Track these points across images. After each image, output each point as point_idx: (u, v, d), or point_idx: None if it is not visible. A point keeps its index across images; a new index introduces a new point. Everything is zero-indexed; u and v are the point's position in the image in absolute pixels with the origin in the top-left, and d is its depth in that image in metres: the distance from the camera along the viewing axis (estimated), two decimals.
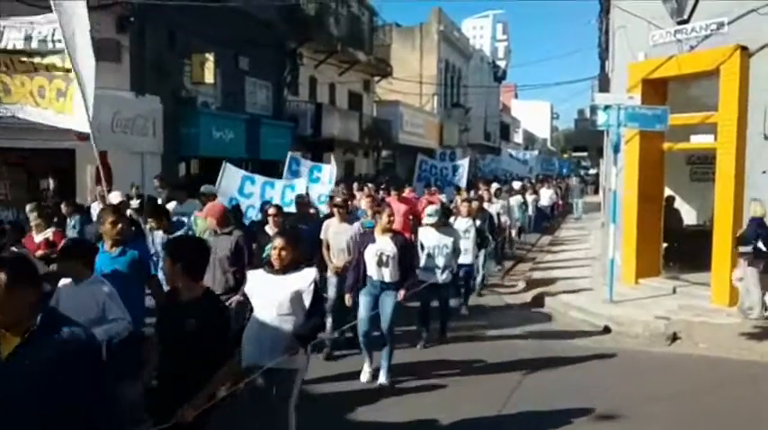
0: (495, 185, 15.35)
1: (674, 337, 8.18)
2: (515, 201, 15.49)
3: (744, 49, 9.14)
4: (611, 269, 10.00)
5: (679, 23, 9.94)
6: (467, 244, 8.69)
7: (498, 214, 12.43)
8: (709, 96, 9.74)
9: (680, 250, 11.15)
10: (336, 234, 7.41)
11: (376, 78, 29.18)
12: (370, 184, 14.63)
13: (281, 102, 20.60)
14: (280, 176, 18.59)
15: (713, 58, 9.39)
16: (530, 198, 20.09)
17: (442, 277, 7.51)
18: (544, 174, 32.61)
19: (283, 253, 4.26)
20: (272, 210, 7.61)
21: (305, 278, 4.28)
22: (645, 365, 7.25)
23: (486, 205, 11.49)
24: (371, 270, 6.25)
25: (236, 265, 5.89)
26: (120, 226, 5.15)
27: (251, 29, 17.33)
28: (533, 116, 74.13)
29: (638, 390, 6.24)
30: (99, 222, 5.46)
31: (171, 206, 9.19)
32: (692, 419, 5.57)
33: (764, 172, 9.07)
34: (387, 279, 6.21)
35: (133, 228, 7.26)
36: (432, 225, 7.58)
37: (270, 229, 7.30)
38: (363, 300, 6.33)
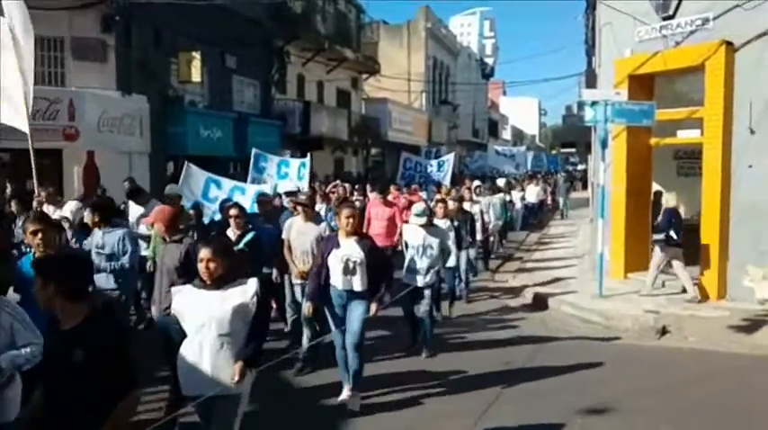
0: (476, 183, 14.74)
1: (664, 331, 8.23)
2: (498, 199, 14.58)
3: (729, 44, 9.20)
4: (600, 264, 10.05)
5: (664, 19, 9.99)
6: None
7: (481, 212, 11.70)
8: (696, 91, 9.80)
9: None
10: (300, 234, 6.66)
11: (364, 76, 29.17)
12: (344, 184, 14.12)
13: (268, 100, 20.55)
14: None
15: (698, 53, 9.45)
16: (517, 195, 19.81)
17: (424, 279, 7.05)
18: (533, 171, 32.66)
19: (211, 265, 3.73)
20: (233, 211, 6.74)
21: (245, 292, 3.76)
22: (634, 359, 7.29)
23: (467, 205, 10.88)
24: (336, 278, 5.46)
25: (186, 276, 5.05)
26: (41, 235, 4.84)
27: (238, 27, 17.26)
28: (521, 113, 74.42)
29: (628, 384, 6.27)
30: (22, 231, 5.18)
31: (135, 209, 8.31)
32: (683, 412, 5.61)
33: (750, 166, 9.15)
34: (355, 288, 5.44)
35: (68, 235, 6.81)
36: (420, 225, 7.19)
37: (232, 232, 6.64)
38: (331, 312, 5.64)
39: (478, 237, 11.04)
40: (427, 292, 7.15)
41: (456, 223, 8.72)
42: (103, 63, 14.08)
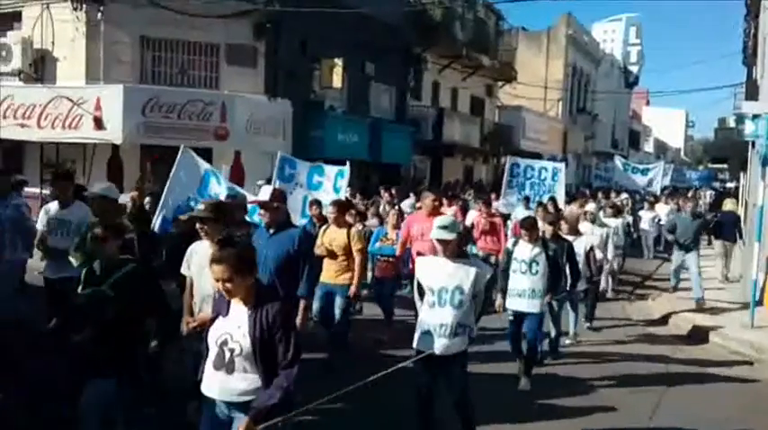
0: (590, 206, 11.22)
1: None
2: (618, 224, 11.29)
3: None
4: (753, 291, 9.20)
5: None
6: (532, 282, 6.21)
7: (591, 248, 8.12)
8: None
9: None
10: (202, 268, 4.50)
11: (499, 83, 28.81)
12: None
13: (403, 106, 20.87)
14: (397, 181, 19.10)
15: None
16: (647, 216, 16.78)
17: (444, 343, 4.50)
18: (673, 187, 29.80)
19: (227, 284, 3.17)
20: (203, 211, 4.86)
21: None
22: None
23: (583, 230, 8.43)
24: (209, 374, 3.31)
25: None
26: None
27: (378, 34, 17.68)
28: (666, 124, 70.09)
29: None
30: None
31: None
32: None
33: None
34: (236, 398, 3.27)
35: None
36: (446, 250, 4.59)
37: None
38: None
39: (581, 284, 7.57)
40: (455, 372, 4.63)
41: (551, 252, 6.36)
42: (254, 68, 14.98)
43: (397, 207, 11.03)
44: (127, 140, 13.31)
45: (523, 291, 6.23)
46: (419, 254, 6.69)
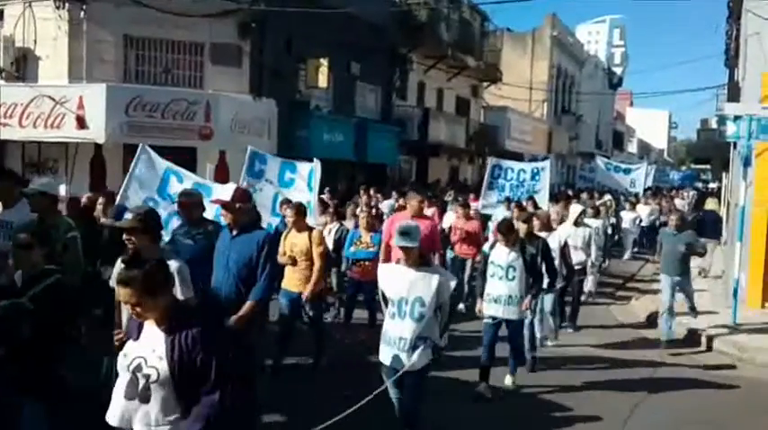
0: (577, 208, 9.84)
1: None
2: (598, 226, 10.64)
3: None
4: (735, 291, 9.31)
5: None
6: (509, 288, 6.07)
7: (566, 243, 7.98)
8: None
9: None
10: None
11: (485, 84, 28.92)
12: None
13: (389, 106, 20.88)
14: (383, 181, 19.10)
15: None
16: (628, 216, 16.58)
17: (403, 358, 4.29)
18: (656, 187, 29.74)
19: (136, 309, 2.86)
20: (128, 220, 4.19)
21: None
22: None
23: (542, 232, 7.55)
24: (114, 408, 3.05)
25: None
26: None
27: (364, 34, 17.67)
28: (650, 125, 70.71)
29: (764, 425, 5.75)
30: None
31: None
32: None
33: None
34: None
35: None
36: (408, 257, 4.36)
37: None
38: None
39: (558, 281, 7.57)
40: (408, 381, 4.37)
41: (528, 256, 6.19)
42: (238, 68, 14.89)
43: (374, 209, 10.30)
44: (110, 140, 13.16)
45: (500, 297, 6.06)
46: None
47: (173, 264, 3.60)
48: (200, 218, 5.39)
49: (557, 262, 7.31)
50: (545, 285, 6.85)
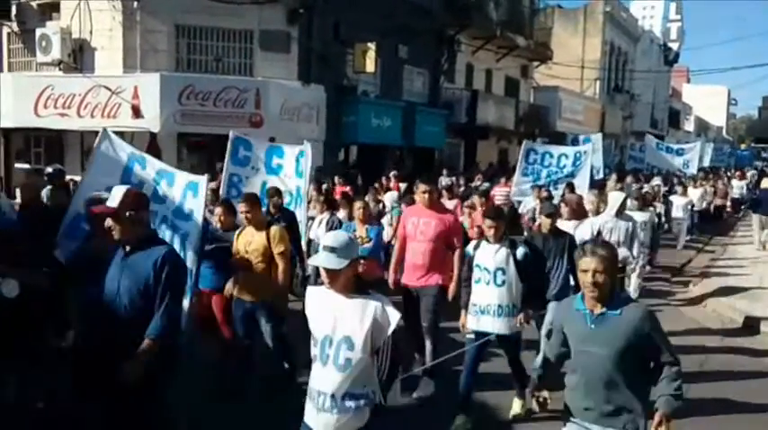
0: (618, 195, 7.94)
1: None
2: (644, 218, 8.98)
3: None
4: None
5: None
6: (499, 295, 4.92)
7: (599, 233, 6.97)
8: None
9: None
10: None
11: (535, 63, 28.30)
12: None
13: (437, 89, 20.68)
14: (430, 166, 18.91)
15: None
16: (680, 201, 14.37)
17: (324, 422, 3.10)
18: (712, 167, 28.01)
19: None
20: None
21: None
22: None
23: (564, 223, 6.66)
24: None
25: None
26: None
27: (411, 17, 17.51)
28: (708, 102, 68.12)
29: None
30: None
31: None
32: None
33: None
34: None
35: None
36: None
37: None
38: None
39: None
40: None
41: (519, 256, 4.93)
42: (287, 54, 14.99)
43: (371, 199, 9.40)
44: (164, 128, 13.48)
45: (488, 307, 4.91)
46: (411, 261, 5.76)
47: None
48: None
49: None
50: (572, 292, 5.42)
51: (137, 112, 13.42)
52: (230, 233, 5.70)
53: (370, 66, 16.31)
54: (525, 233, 6.69)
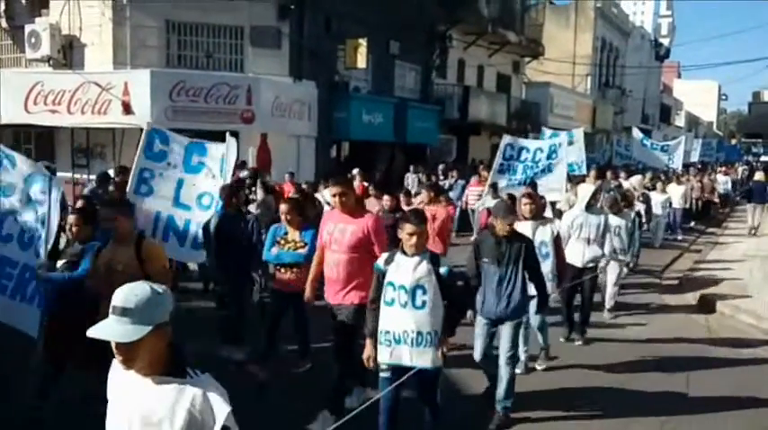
0: (587, 188, 8.16)
1: None
2: (619, 223, 8.21)
3: None
4: None
5: None
6: (417, 320, 4.04)
7: (558, 235, 6.13)
8: None
9: None
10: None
11: (526, 59, 28.36)
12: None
13: (428, 85, 20.70)
14: (423, 162, 18.96)
15: None
16: (658, 198, 13.72)
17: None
18: (701, 162, 27.88)
19: None
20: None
21: None
22: None
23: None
24: None
25: None
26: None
27: (403, 12, 17.50)
28: (698, 97, 68.42)
29: None
30: None
31: None
32: None
33: None
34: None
35: None
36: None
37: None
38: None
39: (550, 289, 5.67)
40: None
41: (442, 268, 4.05)
42: (278, 50, 14.96)
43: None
44: (155, 125, 13.38)
45: (404, 335, 3.98)
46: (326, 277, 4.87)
47: None
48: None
49: (549, 262, 5.79)
50: (533, 304, 5.26)
51: (127, 109, 13.36)
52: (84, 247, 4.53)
53: (361, 62, 16.30)
54: (474, 234, 6.05)
